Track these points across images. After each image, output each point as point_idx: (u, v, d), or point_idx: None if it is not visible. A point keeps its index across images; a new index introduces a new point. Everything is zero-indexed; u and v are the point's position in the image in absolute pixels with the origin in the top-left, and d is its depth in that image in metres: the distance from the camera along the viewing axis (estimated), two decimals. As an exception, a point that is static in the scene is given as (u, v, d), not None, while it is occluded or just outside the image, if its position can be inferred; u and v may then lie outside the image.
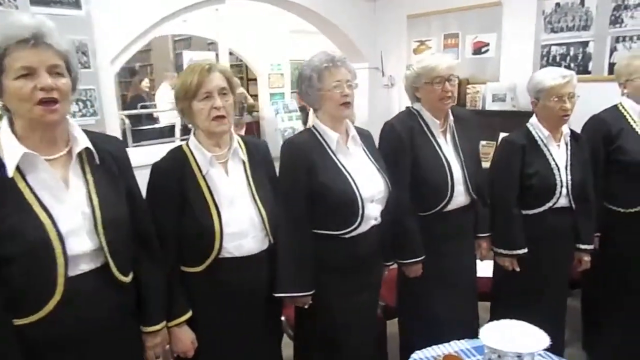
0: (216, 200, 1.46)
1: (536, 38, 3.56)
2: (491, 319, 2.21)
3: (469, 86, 3.86)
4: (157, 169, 1.48)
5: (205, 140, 1.50)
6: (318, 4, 4.06)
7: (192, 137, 1.53)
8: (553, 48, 3.50)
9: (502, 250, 2.01)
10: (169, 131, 5.78)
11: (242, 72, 7.96)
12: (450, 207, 1.88)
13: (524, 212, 1.99)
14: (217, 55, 5.86)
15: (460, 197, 1.89)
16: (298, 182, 1.61)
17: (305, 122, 5.93)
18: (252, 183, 1.54)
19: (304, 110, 5.90)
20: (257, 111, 7.13)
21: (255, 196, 1.52)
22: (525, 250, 1.98)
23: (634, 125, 2.08)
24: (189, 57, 3.24)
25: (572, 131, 2.03)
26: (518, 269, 2.01)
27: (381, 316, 2.18)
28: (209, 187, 1.46)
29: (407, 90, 1.94)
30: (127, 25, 2.95)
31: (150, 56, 8.68)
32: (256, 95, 7.19)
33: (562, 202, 1.96)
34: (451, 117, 1.92)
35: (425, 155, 1.85)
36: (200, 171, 1.47)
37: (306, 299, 1.66)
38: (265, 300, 1.58)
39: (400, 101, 4.45)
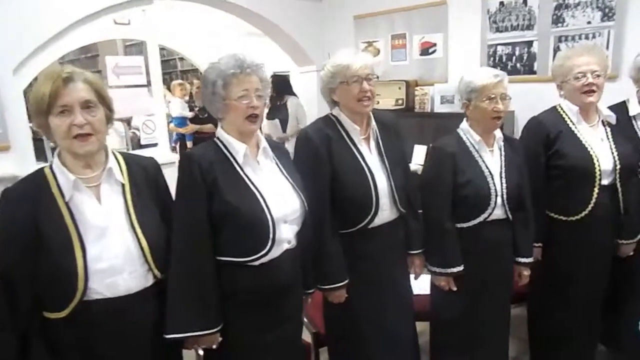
0: (81, 232, 1.21)
1: (482, 38, 3.46)
2: (431, 340, 2.09)
3: (417, 88, 3.72)
4: (6, 196, 1.23)
5: (71, 161, 1.26)
6: (258, 5, 3.86)
7: (55, 157, 1.28)
8: (499, 48, 3.41)
9: (436, 269, 1.84)
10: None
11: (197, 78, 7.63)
12: (375, 222, 1.70)
13: (458, 225, 1.82)
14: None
15: (386, 212, 1.71)
16: (197, 202, 1.38)
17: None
18: (131, 209, 1.30)
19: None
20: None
21: (135, 225, 1.29)
22: (461, 268, 1.81)
23: (573, 128, 1.95)
24: (114, 62, 2.97)
25: (505, 135, 1.88)
26: (454, 289, 1.84)
27: (310, 345, 1.99)
28: (72, 217, 1.22)
29: (323, 93, 1.74)
30: (31, 31, 2.64)
31: (97, 62, 8.24)
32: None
33: (498, 213, 1.80)
34: (373, 123, 1.73)
35: (346, 166, 1.66)
36: (63, 197, 1.23)
37: (213, 338, 1.43)
38: (155, 347, 1.35)
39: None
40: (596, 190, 1.88)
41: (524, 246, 1.91)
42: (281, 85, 4.36)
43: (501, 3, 3.32)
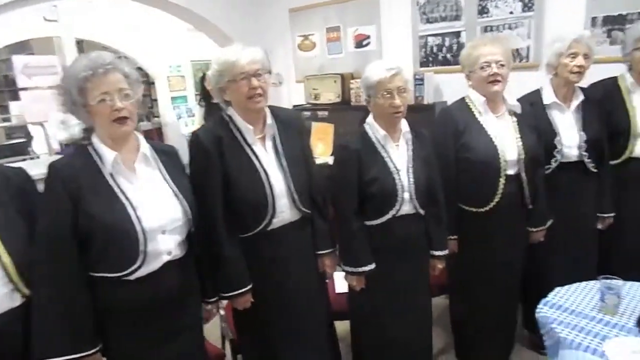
0: None
1: (413, 29, 3.44)
2: (351, 338, 2.06)
3: (352, 81, 3.67)
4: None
5: None
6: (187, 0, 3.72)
7: None
8: (430, 39, 3.40)
9: (348, 268, 1.80)
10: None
11: (143, 76, 7.38)
12: (275, 225, 1.64)
13: (367, 223, 1.79)
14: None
15: (286, 213, 1.65)
16: (58, 217, 1.28)
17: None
18: None
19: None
20: (158, 116, 6.63)
21: None
22: (372, 266, 1.78)
23: (480, 119, 1.94)
24: (23, 62, 2.79)
25: (412, 128, 1.85)
26: (363, 286, 1.81)
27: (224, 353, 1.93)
28: None
29: (214, 95, 1.66)
30: None
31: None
32: (156, 100, 6.68)
33: (406, 208, 1.78)
34: (269, 121, 1.67)
35: (239, 168, 1.58)
36: None
37: (94, 359, 1.35)
38: None
39: (290, 99, 4.22)
40: (502, 180, 1.88)
41: (438, 239, 1.90)
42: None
43: (429, -6, 3.31)
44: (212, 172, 1.56)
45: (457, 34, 3.24)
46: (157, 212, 1.37)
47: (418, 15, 3.39)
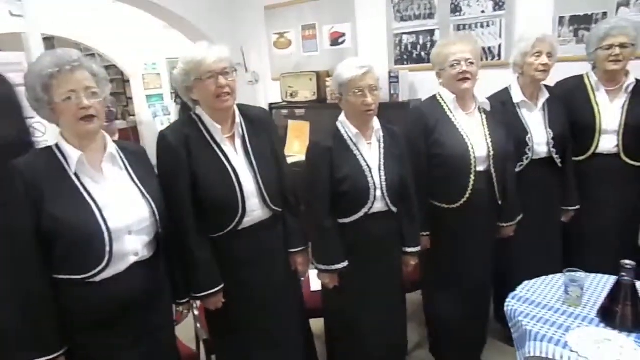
0: None
1: (388, 27, 3.46)
2: (325, 336, 2.07)
3: (328, 79, 3.67)
4: None
5: None
6: (159, -5, 3.66)
7: None
8: (404, 37, 3.42)
9: (320, 266, 1.81)
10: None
11: (118, 73, 7.23)
12: (246, 224, 1.64)
13: (340, 221, 1.80)
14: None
15: (256, 212, 1.65)
16: (18, 219, 1.25)
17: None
18: None
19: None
20: (133, 115, 6.53)
21: None
22: (345, 264, 1.79)
23: (450, 116, 1.96)
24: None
25: (385, 126, 1.87)
26: (336, 284, 1.82)
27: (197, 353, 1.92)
28: None
29: (181, 94, 1.64)
30: None
31: None
32: (131, 98, 6.57)
33: (379, 206, 1.79)
34: (238, 120, 1.66)
35: (207, 167, 1.57)
36: None
37: None
38: None
39: (266, 97, 4.21)
40: (472, 177, 1.91)
41: (410, 236, 1.92)
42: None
43: (403, -8, 3.34)
44: (180, 172, 1.54)
45: (431, 32, 3.28)
46: (124, 212, 1.35)
47: (392, 13, 3.42)
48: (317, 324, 2.09)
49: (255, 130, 1.68)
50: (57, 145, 1.35)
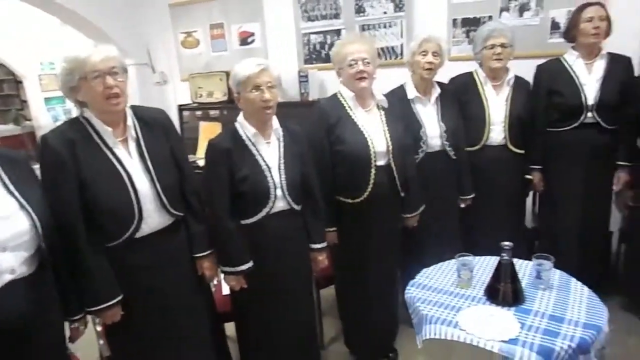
0: None
1: (296, 27, 3.49)
2: (238, 339, 2.04)
3: (239, 79, 3.62)
4: None
5: None
6: (51, -10, 3.38)
7: None
8: (312, 36, 3.47)
9: (225, 269, 1.78)
10: None
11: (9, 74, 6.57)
12: (142, 232, 1.56)
13: (242, 221, 1.77)
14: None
15: (154, 218, 1.58)
16: None
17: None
18: None
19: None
20: (30, 120, 5.98)
21: None
22: (249, 264, 1.77)
23: (350, 113, 2.02)
24: None
25: (285, 125, 1.87)
26: (245, 286, 1.80)
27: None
28: None
29: (65, 95, 1.53)
30: None
31: None
32: (26, 101, 6.02)
33: (280, 205, 1.79)
34: (131, 122, 1.58)
35: (97, 173, 1.47)
36: None
37: None
38: None
39: (176, 99, 4.05)
40: (373, 171, 1.98)
41: (315, 233, 1.95)
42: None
43: (310, -8, 3.38)
44: (66, 178, 1.43)
45: (338, 32, 3.36)
46: None
47: (300, 13, 3.45)
48: (232, 328, 2.05)
49: (151, 132, 1.60)
50: None
